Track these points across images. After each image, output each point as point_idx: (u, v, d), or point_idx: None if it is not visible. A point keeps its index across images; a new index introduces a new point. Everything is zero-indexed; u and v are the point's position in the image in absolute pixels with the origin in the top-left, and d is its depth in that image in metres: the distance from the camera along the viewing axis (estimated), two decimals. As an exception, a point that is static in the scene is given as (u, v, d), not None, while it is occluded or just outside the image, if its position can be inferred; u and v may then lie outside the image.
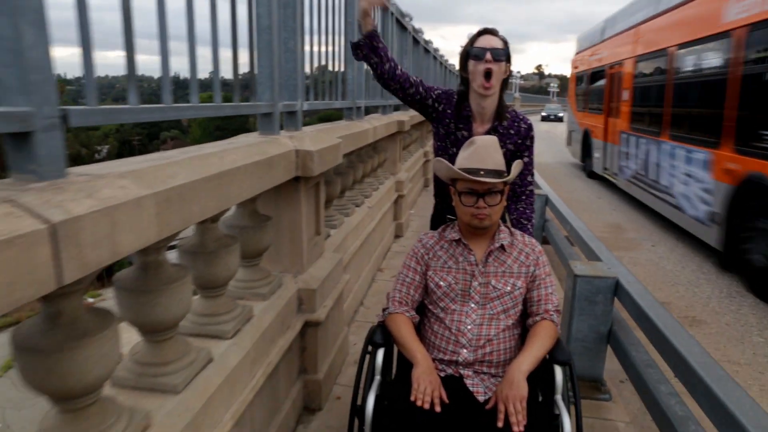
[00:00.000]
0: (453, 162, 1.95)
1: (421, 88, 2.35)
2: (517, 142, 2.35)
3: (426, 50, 10.09)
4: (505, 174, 1.89)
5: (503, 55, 2.20)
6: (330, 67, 3.70)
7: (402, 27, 7.32)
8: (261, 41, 2.32)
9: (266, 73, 2.35)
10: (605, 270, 2.92)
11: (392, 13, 6.25)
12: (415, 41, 8.72)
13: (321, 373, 2.73)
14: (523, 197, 2.45)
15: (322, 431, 2.62)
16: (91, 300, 9.57)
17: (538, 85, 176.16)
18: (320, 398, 2.74)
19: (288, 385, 2.51)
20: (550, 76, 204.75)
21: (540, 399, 1.88)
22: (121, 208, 1.10)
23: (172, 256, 1.72)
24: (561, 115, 45.38)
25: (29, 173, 1.02)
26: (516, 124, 2.35)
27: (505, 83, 2.28)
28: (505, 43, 2.25)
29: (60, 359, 1.13)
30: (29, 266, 0.89)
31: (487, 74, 2.18)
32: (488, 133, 2.30)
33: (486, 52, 2.17)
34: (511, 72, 2.32)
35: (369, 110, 5.34)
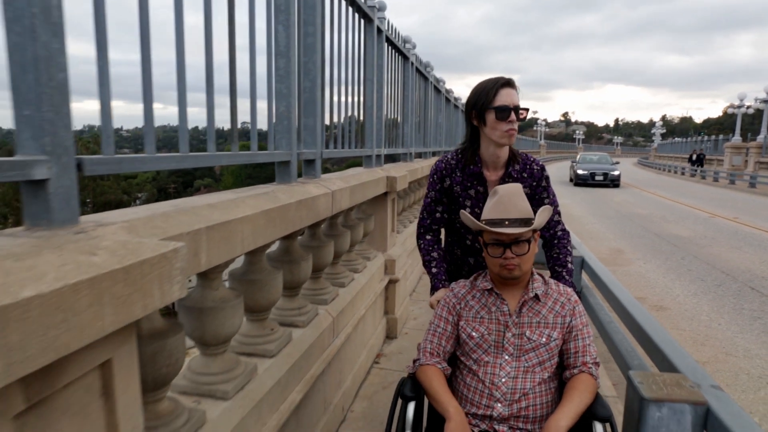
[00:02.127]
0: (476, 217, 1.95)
1: (441, 206, 2.36)
2: (532, 184, 2.30)
3: (447, 99, 10.36)
4: (532, 221, 1.84)
5: (523, 110, 2.14)
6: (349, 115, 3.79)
7: (423, 77, 7.49)
8: (279, 90, 2.42)
9: (284, 122, 2.42)
10: (688, 389, 2.22)
11: (412, 63, 6.39)
12: (437, 90, 8.90)
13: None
14: (555, 241, 2.34)
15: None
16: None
17: (565, 132, 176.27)
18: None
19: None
20: (576, 123, 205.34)
21: None
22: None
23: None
24: (617, 173, 24.69)
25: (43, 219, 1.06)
26: (528, 167, 2.30)
27: None
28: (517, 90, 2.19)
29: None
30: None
31: (511, 131, 2.12)
32: (502, 178, 2.26)
33: (510, 112, 2.09)
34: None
35: (387, 159, 5.43)
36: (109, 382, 1.05)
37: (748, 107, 34.26)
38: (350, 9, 3.55)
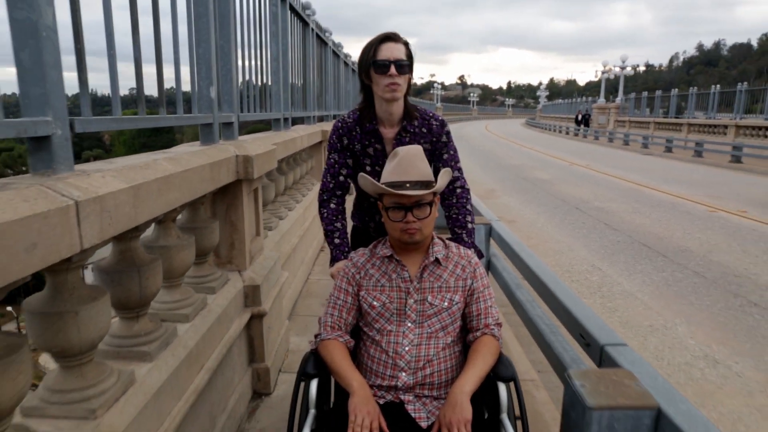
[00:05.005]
0: (375, 178, 1.91)
1: (345, 169, 2.31)
2: (432, 140, 2.26)
3: (345, 63, 10.58)
4: (433, 184, 1.81)
5: (407, 64, 2.10)
6: (255, 80, 3.89)
7: (323, 42, 7.65)
8: (201, 56, 2.64)
9: (205, 87, 2.68)
10: (635, 390, 1.84)
11: (312, 29, 6.59)
12: (335, 54, 9.08)
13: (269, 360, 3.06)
14: (454, 200, 2.30)
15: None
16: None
17: (462, 95, 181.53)
18: (270, 385, 3.07)
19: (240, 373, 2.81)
20: (472, 86, 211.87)
21: (486, 417, 1.81)
22: (112, 195, 1.45)
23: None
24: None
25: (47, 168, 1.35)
26: (427, 122, 2.25)
27: (409, 85, 2.18)
28: (407, 46, 2.14)
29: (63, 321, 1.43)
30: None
31: (393, 85, 2.09)
32: (399, 134, 2.23)
33: (390, 65, 2.06)
34: (411, 78, 2.21)
35: (295, 121, 5.70)
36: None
37: (608, 71, 37.73)
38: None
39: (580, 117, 37.01)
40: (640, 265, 6.29)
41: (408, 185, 1.76)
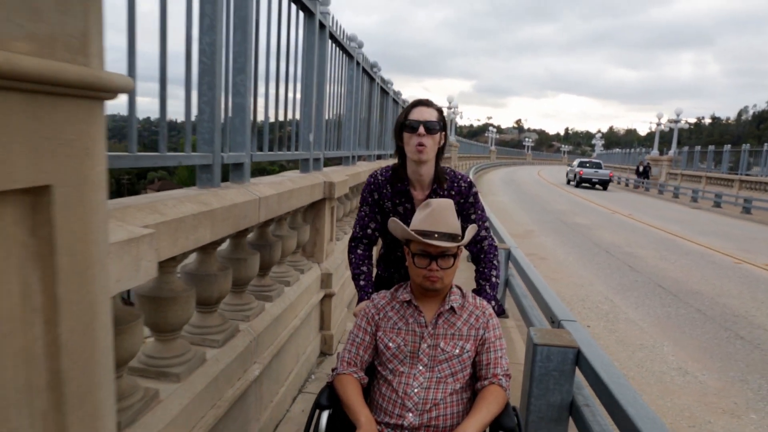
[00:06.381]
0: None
1: (374, 223, 2.43)
2: (460, 201, 2.36)
3: (395, 101, 10.61)
4: (460, 237, 1.93)
5: (437, 126, 2.21)
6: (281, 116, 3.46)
7: (369, 77, 7.50)
8: (305, 113, 3.96)
9: (305, 133, 3.98)
10: (567, 338, 2.80)
11: (358, 63, 6.32)
12: (383, 91, 9.01)
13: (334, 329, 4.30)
14: (482, 256, 2.43)
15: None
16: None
17: (518, 138, 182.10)
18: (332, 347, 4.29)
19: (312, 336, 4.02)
20: (529, 130, 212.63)
21: None
22: (268, 196, 2.71)
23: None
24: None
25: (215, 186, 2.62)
26: (456, 184, 2.36)
27: (441, 151, 2.31)
28: (440, 112, 2.28)
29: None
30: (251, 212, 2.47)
31: (420, 146, 2.20)
32: (429, 197, 2.32)
33: (419, 125, 2.19)
34: (446, 140, 2.35)
35: (359, 158, 6.95)
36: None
37: (661, 123, 37.95)
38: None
39: (641, 168, 36.19)
40: (649, 300, 7.15)
41: (437, 235, 1.87)
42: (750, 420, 4.00)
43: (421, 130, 2.19)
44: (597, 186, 31.53)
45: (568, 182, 34.18)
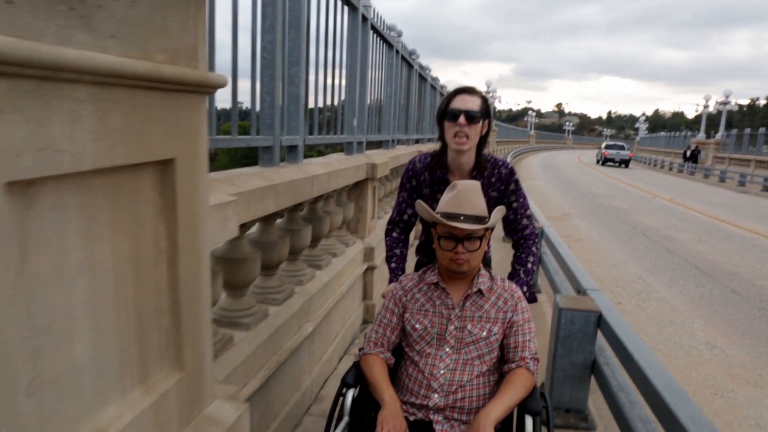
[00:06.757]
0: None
1: (410, 209, 2.45)
2: (500, 188, 2.33)
3: (432, 87, 10.76)
4: (486, 220, 1.90)
5: (479, 115, 2.17)
6: (329, 101, 3.90)
7: (408, 64, 7.73)
8: (350, 101, 4.29)
9: (350, 119, 4.32)
10: (589, 304, 3.09)
11: (398, 51, 6.60)
12: (422, 77, 9.24)
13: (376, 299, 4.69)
14: (521, 242, 2.42)
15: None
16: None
17: (558, 122, 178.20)
18: (374, 316, 4.65)
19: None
20: (570, 114, 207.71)
21: None
22: (320, 175, 3.06)
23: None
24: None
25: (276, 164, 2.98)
26: (496, 171, 2.32)
27: (483, 139, 2.26)
28: (484, 100, 2.23)
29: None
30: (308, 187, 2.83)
31: (460, 137, 2.17)
32: None
33: (460, 114, 2.15)
34: (490, 128, 2.29)
35: (399, 142, 7.26)
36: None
37: (706, 106, 36.77)
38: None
39: (688, 153, 34.85)
40: (683, 281, 7.25)
41: (462, 218, 1.86)
42: (773, 390, 4.17)
43: (462, 119, 2.16)
44: (620, 165, 36.51)
45: (597, 162, 38.36)
